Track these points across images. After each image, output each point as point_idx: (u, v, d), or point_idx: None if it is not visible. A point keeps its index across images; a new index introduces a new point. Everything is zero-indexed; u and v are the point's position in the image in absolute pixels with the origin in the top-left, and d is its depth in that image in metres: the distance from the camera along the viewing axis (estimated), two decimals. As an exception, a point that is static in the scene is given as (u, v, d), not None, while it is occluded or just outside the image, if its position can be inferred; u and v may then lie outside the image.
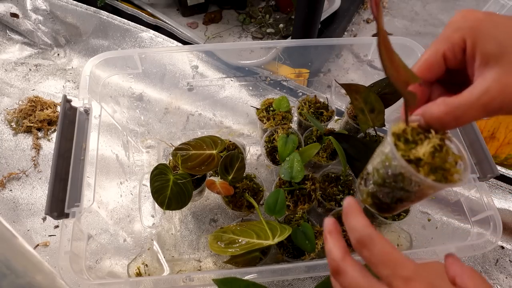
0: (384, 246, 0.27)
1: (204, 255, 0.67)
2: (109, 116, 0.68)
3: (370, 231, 0.29)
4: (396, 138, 0.31)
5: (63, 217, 0.49)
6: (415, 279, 0.26)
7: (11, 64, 0.91)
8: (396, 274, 0.26)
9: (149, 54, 0.66)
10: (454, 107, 0.29)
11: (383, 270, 0.27)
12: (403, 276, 0.26)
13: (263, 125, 0.73)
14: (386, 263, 0.27)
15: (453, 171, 0.30)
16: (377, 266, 0.27)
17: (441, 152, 0.30)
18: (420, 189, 0.30)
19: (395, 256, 0.27)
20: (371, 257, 0.28)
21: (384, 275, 0.27)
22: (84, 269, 0.48)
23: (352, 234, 0.29)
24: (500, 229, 0.50)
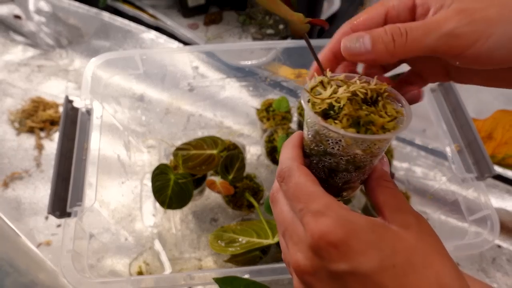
0: (300, 178, 0.26)
1: (205, 254, 0.68)
2: (111, 116, 0.68)
3: (292, 164, 0.27)
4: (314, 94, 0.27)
5: (65, 216, 0.50)
6: (324, 213, 0.23)
7: (14, 65, 0.92)
8: (307, 208, 0.24)
9: (150, 55, 0.67)
10: (398, 31, 0.25)
11: (296, 205, 0.25)
12: (313, 210, 0.24)
13: (263, 125, 0.74)
14: (299, 197, 0.25)
15: (387, 124, 0.26)
16: (292, 200, 0.26)
17: (371, 105, 0.27)
18: (345, 150, 0.26)
19: (309, 190, 0.25)
20: (287, 191, 0.26)
21: (297, 210, 0.25)
22: (86, 267, 0.49)
23: (279, 167, 0.28)
24: (497, 228, 0.51)
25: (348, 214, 0.24)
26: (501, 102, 0.85)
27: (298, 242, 0.25)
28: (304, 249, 0.24)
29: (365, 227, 0.23)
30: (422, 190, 0.74)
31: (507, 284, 0.66)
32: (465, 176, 0.55)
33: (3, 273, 0.53)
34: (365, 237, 0.23)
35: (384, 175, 0.28)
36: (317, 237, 0.23)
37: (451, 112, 0.61)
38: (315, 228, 0.23)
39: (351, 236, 0.23)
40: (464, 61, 0.25)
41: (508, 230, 0.71)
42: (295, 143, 0.29)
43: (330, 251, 0.23)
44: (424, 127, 0.80)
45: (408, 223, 0.24)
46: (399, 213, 0.25)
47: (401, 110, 0.27)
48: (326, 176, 0.29)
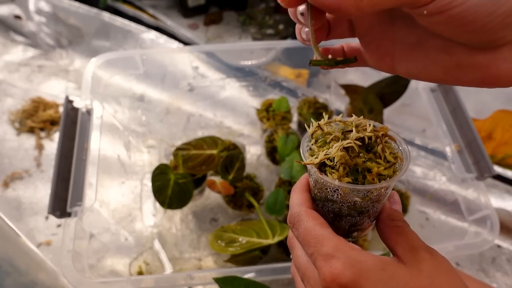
0: (308, 223, 0.26)
1: (205, 254, 0.68)
2: (111, 116, 0.68)
3: (300, 209, 0.27)
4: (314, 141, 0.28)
5: (65, 216, 0.50)
6: (334, 256, 0.24)
7: (15, 65, 0.92)
8: (318, 252, 0.25)
9: (150, 55, 0.67)
10: None
11: (307, 249, 0.26)
12: (323, 253, 0.24)
13: (263, 125, 0.74)
14: (309, 242, 0.26)
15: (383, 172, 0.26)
16: (304, 245, 0.26)
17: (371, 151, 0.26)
18: (344, 198, 0.27)
19: (318, 233, 0.26)
20: (298, 237, 0.27)
21: (309, 254, 0.26)
22: (86, 267, 0.49)
23: (289, 212, 0.29)
24: (497, 228, 0.51)
25: (358, 255, 0.24)
26: (500, 102, 0.86)
27: (314, 286, 0.26)
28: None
29: (376, 266, 0.23)
30: (422, 190, 0.74)
31: (506, 284, 0.66)
32: (465, 176, 0.55)
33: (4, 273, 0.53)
34: (375, 276, 0.23)
35: (392, 214, 0.29)
36: (329, 280, 0.23)
37: (451, 112, 0.61)
38: (326, 271, 0.24)
39: (362, 277, 0.23)
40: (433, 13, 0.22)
41: (507, 230, 0.71)
42: (303, 187, 0.30)
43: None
44: (424, 127, 0.80)
45: (421, 259, 0.24)
46: (412, 251, 0.25)
47: (400, 155, 0.27)
48: (332, 220, 0.30)
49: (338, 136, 0.27)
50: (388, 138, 0.27)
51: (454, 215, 0.70)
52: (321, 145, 0.27)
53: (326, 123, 0.28)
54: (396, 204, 0.30)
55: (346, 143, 0.26)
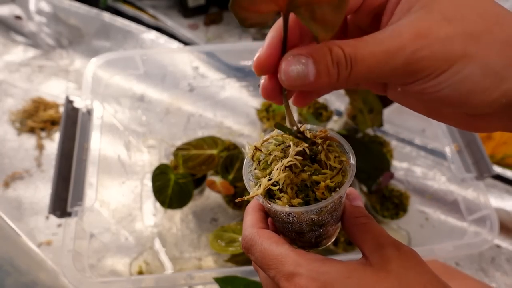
0: (263, 245, 0.25)
1: (205, 253, 0.68)
2: (111, 116, 0.68)
3: (251, 231, 0.26)
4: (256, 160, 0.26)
5: (66, 216, 0.50)
6: (296, 273, 0.23)
7: (15, 66, 0.92)
8: (279, 273, 0.23)
9: (150, 55, 0.67)
10: (343, 61, 0.20)
11: (269, 272, 0.24)
12: (285, 273, 0.23)
13: (263, 125, 0.74)
14: (268, 265, 0.24)
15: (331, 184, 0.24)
16: (264, 269, 0.25)
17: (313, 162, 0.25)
18: (300, 219, 0.26)
19: (275, 253, 0.24)
20: (256, 261, 0.25)
21: (271, 277, 0.24)
22: (87, 267, 0.49)
23: (242, 235, 0.27)
24: (497, 228, 0.51)
25: (320, 266, 0.23)
26: (500, 102, 0.86)
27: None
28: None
29: (340, 275, 0.23)
30: (421, 190, 0.74)
31: (506, 283, 0.66)
32: (464, 176, 0.55)
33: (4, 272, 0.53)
34: (341, 286, 0.22)
35: (354, 212, 0.27)
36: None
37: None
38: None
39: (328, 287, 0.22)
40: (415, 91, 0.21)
41: (507, 230, 0.71)
42: (255, 207, 0.28)
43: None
44: (423, 127, 0.80)
45: (388, 258, 0.23)
46: (378, 249, 0.24)
47: (345, 157, 0.25)
48: (296, 236, 0.29)
49: (278, 155, 0.25)
50: (329, 141, 0.26)
51: (453, 215, 0.70)
52: (264, 167, 0.26)
53: (263, 142, 0.27)
54: (356, 200, 0.29)
55: (287, 161, 0.24)
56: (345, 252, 0.61)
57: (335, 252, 0.62)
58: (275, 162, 0.25)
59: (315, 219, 0.26)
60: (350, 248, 0.62)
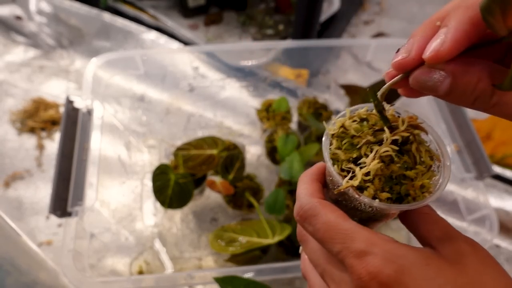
0: (328, 217, 0.23)
1: (205, 253, 0.68)
2: (111, 116, 0.69)
3: (311, 201, 0.24)
4: (339, 142, 0.24)
5: (66, 216, 0.50)
6: (369, 252, 0.21)
7: (15, 66, 0.93)
8: (347, 249, 0.21)
9: (150, 55, 0.67)
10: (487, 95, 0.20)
11: (332, 247, 0.22)
12: (355, 250, 0.21)
13: (263, 125, 0.74)
14: (333, 238, 0.22)
15: (426, 183, 0.23)
16: (325, 242, 0.22)
17: (404, 154, 0.23)
18: (377, 211, 0.24)
19: (343, 227, 0.22)
20: (315, 233, 0.23)
21: (334, 253, 0.22)
22: (87, 267, 0.49)
23: (296, 203, 0.25)
24: (496, 228, 0.51)
25: (396, 249, 0.21)
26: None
27: (341, 283, 0.23)
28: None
29: (418, 261, 0.21)
30: (421, 190, 0.74)
31: (505, 283, 0.66)
32: (464, 176, 0.55)
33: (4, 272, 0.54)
34: (420, 273, 0.20)
35: None
36: (366, 279, 0.20)
37: (450, 112, 0.61)
38: (362, 270, 0.21)
39: (405, 274, 0.20)
40: None
41: (506, 230, 0.71)
42: (314, 176, 0.26)
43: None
44: (423, 127, 0.80)
45: (462, 252, 0.21)
46: (449, 241, 0.22)
47: (437, 154, 0.24)
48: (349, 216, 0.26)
49: (370, 140, 0.23)
50: (418, 131, 0.23)
51: (453, 214, 0.70)
52: (347, 148, 0.23)
53: (350, 118, 0.24)
54: None
55: (383, 151, 0.22)
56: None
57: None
58: (365, 148, 0.23)
59: (384, 211, 0.24)
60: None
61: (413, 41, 0.21)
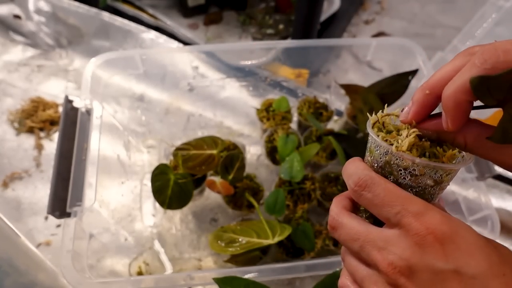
0: (387, 185, 0.25)
1: (205, 254, 0.68)
2: (111, 116, 0.68)
3: (370, 173, 0.26)
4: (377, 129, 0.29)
5: (65, 216, 0.50)
6: (427, 214, 0.23)
7: (14, 65, 0.92)
8: (406, 210, 0.23)
9: (150, 55, 0.67)
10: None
11: (390, 209, 0.24)
12: (414, 211, 0.23)
13: (263, 125, 0.74)
14: (392, 201, 0.24)
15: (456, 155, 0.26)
16: (383, 206, 0.25)
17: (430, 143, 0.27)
18: (416, 181, 0.26)
19: (402, 194, 0.24)
20: (375, 198, 0.25)
21: (392, 214, 0.24)
22: (86, 267, 0.49)
23: (351, 179, 0.27)
24: (498, 229, 0.51)
25: (450, 216, 0.23)
26: (501, 102, 0.85)
27: (386, 246, 0.24)
28: (398, 250, 0.23)
29: (470, 230, 0.23)
30: (422, 190, 0.73)
31: (507, 284, 0.66)
32: (465, 176, 0.55)
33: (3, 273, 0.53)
34: (472, 239, 0.22)
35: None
36: (424, 233, 0.22)
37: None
38: (420, 225, 0.23)
39: (459, 236, 0.22)
40: None
41: (508, 230, 0.70)
42: (359, 158, 0.29)
43: (436, 248, 0.22)
44: (424, 127, 0.80)
45: (496, 244, 0.24)
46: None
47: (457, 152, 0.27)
48: None
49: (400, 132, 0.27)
50: None
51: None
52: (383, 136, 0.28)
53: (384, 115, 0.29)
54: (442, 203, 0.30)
55: (412, 131, 0.26)
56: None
57: (335, 253, 0.61)
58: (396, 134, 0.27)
59: (427, 187, 0.26)
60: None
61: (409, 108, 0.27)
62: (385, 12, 1.14)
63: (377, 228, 0.25)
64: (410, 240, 0.23)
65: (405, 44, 0.67)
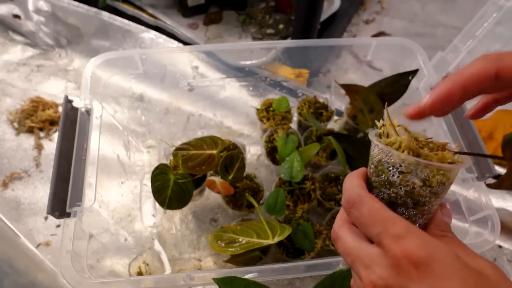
0: (374, 205, 0.26)
1: (205, 254, 0.68)
2: (110, 116, 0.68)
3: (360, 191, 0.28)
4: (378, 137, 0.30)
5: (64, 216, 0.50)
6: (406, 237, 0.24)
7: (13, 65, 0.92)
8: (386, 232, 0.24)
9: (150, 54, 0.67)
10: None
11: (372, 229, 0.25)
12: (393, 233, 0.24)
13: (263, 125, 0.74)
14: (375, 222, 0.25)
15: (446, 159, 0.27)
16: (367, 225, 0.26)
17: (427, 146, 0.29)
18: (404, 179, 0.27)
19: (386, 214, 0.25)
20: (360, 217, 0.27)
21: (374, 234, 0.25)
22: (86, 268, 0.48)
23: (344, 195, 0.29)
24: (498, 229, 0.51)
25: (430, 239, 0.24)
26: (501, 102, 0.85)
27: (371, 264, 0.25)
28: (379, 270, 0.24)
29: (449, 253, 0.23)
30: (422, 190, 0.73)
31: (508, 284, 0.66)
32: (466, 176, 0.55)
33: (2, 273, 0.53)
34: (448, 262, 0.23)
35: (441, 225, 0.29)
36: (400, 257, 0.23)
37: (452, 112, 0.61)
38: (396, 249, 0.23)
39: (435, 259, 0.23)
40: None
41: (509, 230, 0.70)
42: (359, 175, 0.30)
43: (411, 271, 0.23)
44: (424, 127, 0.80)
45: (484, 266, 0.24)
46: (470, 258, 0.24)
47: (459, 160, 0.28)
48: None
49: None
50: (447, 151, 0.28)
51: (455, 215, 0.69)
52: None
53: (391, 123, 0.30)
54: (447, 217, 0.30)
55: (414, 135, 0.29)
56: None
57: (335, 253, 0.61)
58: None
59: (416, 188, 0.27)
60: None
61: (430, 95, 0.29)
62: (385, 12, 1.14)
63: (367, 244, 0.26)
64: (388, 261, 0.24)
65: (405, 44, 0.67)
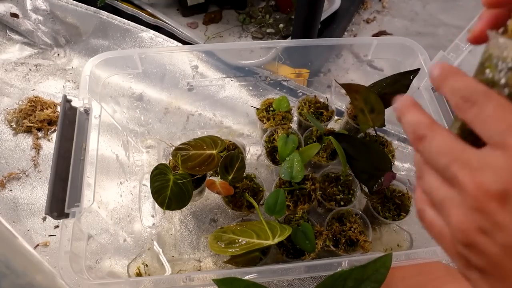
0: (501, 100, 0.22)
1: (204, 255, 0.67)
2: (109, 116, 0.68)
3: (480, 86, 0.23)
4: None
5: (63, 217, 0.49)
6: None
7: (11, 64, 0.91)
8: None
9: (149, 54, 0.66)
10: None
11: (497, 126, 0.21)
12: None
13: (263, 125, 0.73)
14: (504, 116, 0.21)
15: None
16: (488, 122, 0.22)
17: None
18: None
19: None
20: (481, 113, 0.22)
21: (498, 131, 0.21)
22: (84, 269, 0.48)
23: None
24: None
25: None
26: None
27: (481, 167, 0.21)
28: (495, 173, 0.20)
29: None
30: (423, 190, 0.73)
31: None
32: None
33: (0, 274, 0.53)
34: None
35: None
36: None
37: (453, 111, 0.60)
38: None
39: None
40: None
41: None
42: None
43: None
44: None
45: None
46: None
47: None
48: None
49: None
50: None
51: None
52: None
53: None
54: None
55: None
56: (345, 253, 0.60)
57: (335, 254, 0.61)
58: None
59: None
60: (350, 250, 0.61)
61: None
62: (386, 11, 1.14)
63: (475, 149, 0.22)
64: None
65: (406, 43, 0.66)
